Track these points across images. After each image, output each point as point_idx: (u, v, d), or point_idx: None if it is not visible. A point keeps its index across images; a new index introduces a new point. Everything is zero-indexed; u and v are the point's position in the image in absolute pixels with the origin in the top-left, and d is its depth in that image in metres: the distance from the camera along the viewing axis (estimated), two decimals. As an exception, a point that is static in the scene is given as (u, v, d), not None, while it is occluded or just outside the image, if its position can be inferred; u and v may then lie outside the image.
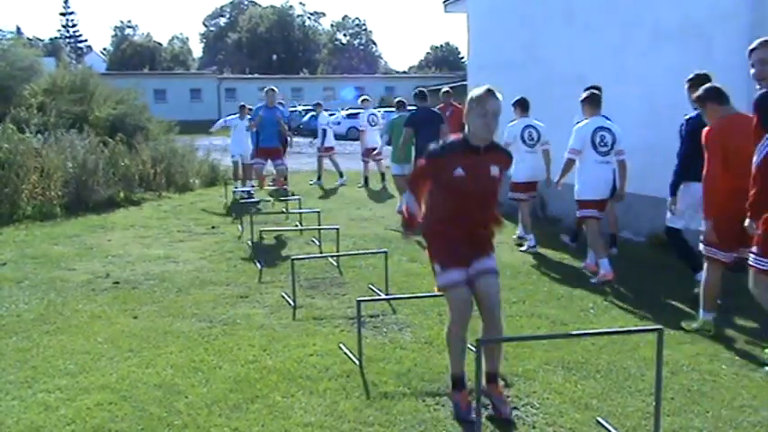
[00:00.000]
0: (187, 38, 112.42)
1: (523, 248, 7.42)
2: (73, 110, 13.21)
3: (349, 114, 31.20)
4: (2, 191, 9.42)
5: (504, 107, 3.37)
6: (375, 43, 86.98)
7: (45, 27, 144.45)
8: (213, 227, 8.97)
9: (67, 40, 73.74)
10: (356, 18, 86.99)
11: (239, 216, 9.16)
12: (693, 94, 4.97)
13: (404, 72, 75.35)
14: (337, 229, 7.24)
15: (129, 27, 79.88)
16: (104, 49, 78.45)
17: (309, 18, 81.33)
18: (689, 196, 5.14)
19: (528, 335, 4.58)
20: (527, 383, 3.83)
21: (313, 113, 32.82)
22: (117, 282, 6.14)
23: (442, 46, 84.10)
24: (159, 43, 77.41)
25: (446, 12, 13.22)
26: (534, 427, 3.33)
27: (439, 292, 3.56)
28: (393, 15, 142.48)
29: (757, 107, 3.86)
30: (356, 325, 4.26)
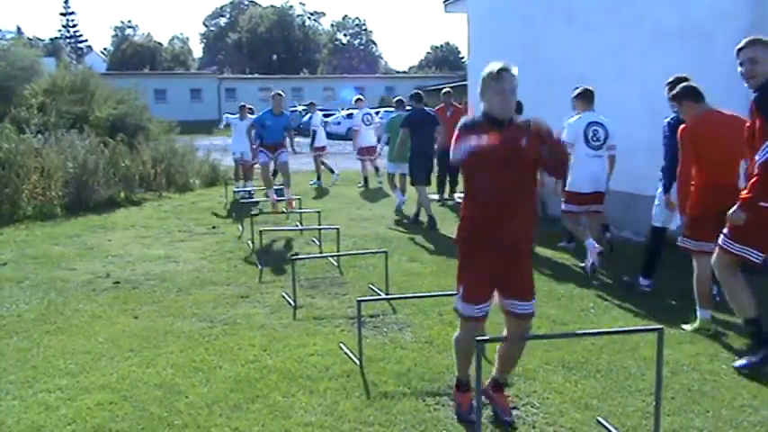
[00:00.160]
0: (187, 38, 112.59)
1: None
2: (73, 110, 13.22)
3: (349, 114, 31.20)
4: (2, 191, 9.44)
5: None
6: (375, 43, 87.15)
7: (45, 27, 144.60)
8: (213, 227, 8.97)
9: (68, 41, 73.78)
10: (356, 18, 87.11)
11: (239, 216, 9.16)
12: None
13: (404, 72, 75.39)
14: (337, 229, 7.25)
15: (130, 27, 79.96)
16: (105, 50, 78.51)
17: (309, 18, 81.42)
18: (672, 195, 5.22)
19: (528, 334, 4.57)
20: (527, 383, 3.83)
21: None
22: (117, 282, 6.15)
23: (443, 46, 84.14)
24: (159, 43, 77.44)
25: (446, 12, 13.24)
26: (534, 427, 3.34)
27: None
28: (393, 15, 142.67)
29: (760, 105, 3.88)
30: (356, 325, 4.26)
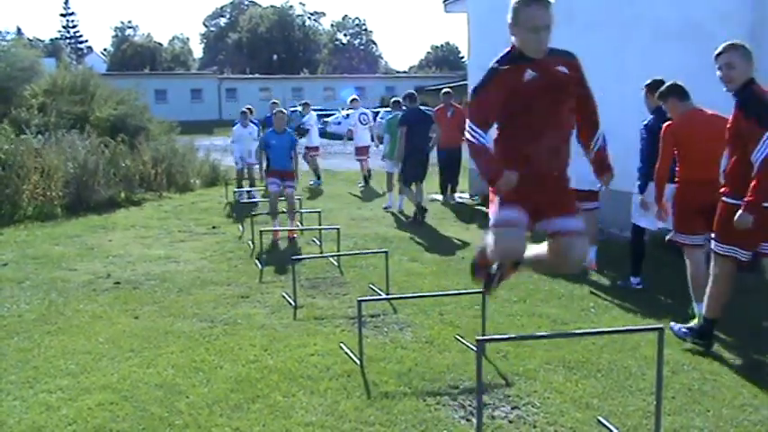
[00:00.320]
0: (188, 38, 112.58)
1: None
2: (73, 110, 13.23)
3: (349, 114, 31.16)
4: (3, 191, 9.44)
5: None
6: (375, 43, 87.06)
7: (45, 28, 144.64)
8: (214, 227, 8.97)
9: (68, 41, 73.78)
10: (356, 18, 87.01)
11: (240, 216, 9.16)
12: (651, 97, 5.42)
13: (404, 72, 75.37)
14: (338, 229, 7.24)
15: (130, 27, 79.83)
16: (105, 50, 78.46)
17: (310, 18, 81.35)
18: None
19: (529, 334, 4.58)
20: (528, 383, 3.83)
21: (316, 114, 32.94)
22: (118, 282, 6.15)
23: (443, 46, 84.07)
24: (160, 44, 77.39)
25: (446, 12, 13.22)
26: (535, 427, 3.34)
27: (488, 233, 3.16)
28: (393, 15, 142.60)
29: (748, 109, 3.95)
30: (357, 325, 4.26)
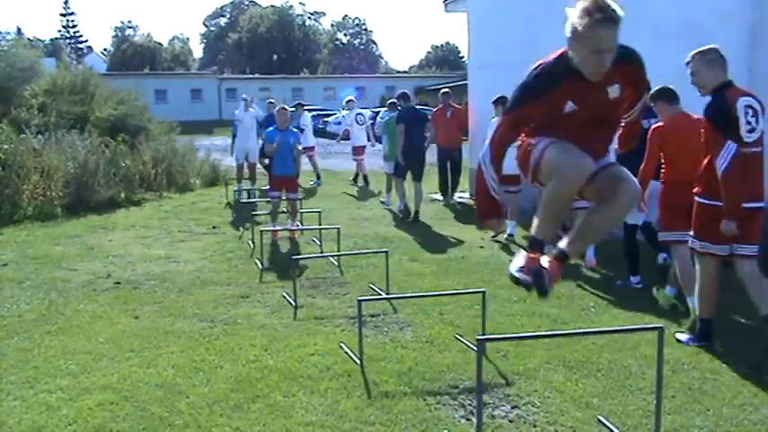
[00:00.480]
0: (187, 38, 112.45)
1: (500, 235, 7.81)
2: (74, 110, 13.21)
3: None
4: (3, 191, 9.43)
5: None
6: (375, 43, 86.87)
7: (45, 27, 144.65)
8: (214, 227, 8.97)
9: (68, 41, 73.73)
10: (356, 18, 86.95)
11: (240, 216, 9.17)
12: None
13: (404, 72, 75.36)
14: (338, 229, 7.25)
15: (130, 27, 79.80)
16: (105, 50, 78.43)
17: (310, 18, 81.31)
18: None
19: (529, 334, 4.58)
20: (528, 382, 3.83)
21: (317, 114, 32.89)
22: (118, 282, 6.15)
23: (443, 45, 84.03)
24: (160, 43, 77.35)
25: (446, 11, 13.22)
26: (535, 426, 3.34)
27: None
28: (393, 15, 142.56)
29: (710, 117, 4.12)
30: (357, 324, 4.26)
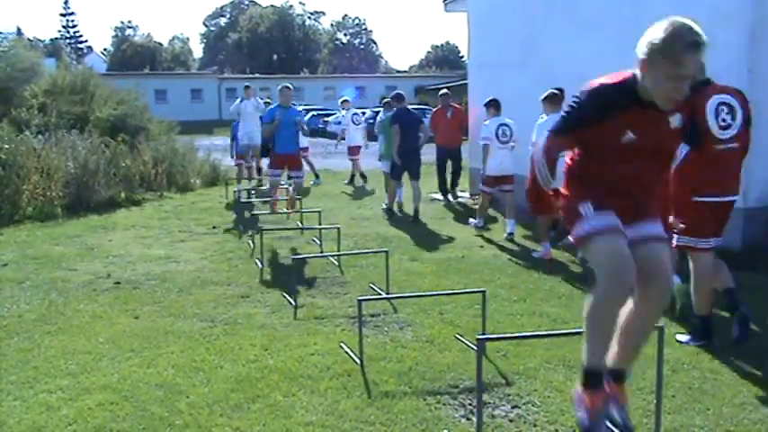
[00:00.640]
0: (188, 38, 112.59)
1: (472, 223, 8.49)
2: (74, 110, 13.21)
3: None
4: (3, 192, 9.43)
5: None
6: (375, 43, 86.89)
7: (45, 28, 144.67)
8: (214, 227, 8.97)
9: (68, 41, 73.78)
10: (356, 17, 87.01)
11: (240, 216, 9.18)
12: None
13: (404, 71, 75.38)
14: (338, 229, 7.24)
15: (130, 27, 79.91)
16: (105, 50, 78.50)
17: (309, 18, 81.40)
18: None
19: (529, 333, 4.58)
20: (528, 382, 3.83)
21: (317, 113, 32.86)
22: (118, 282, 6.15)
23: (443, 45, 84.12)
24: (160, 43, 77.44)
25: (446, 11, 13.23)
26: (536, 426, 3.34)
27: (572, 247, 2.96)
28: (393, 14, 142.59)
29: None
30: (357, 324, 4.26)
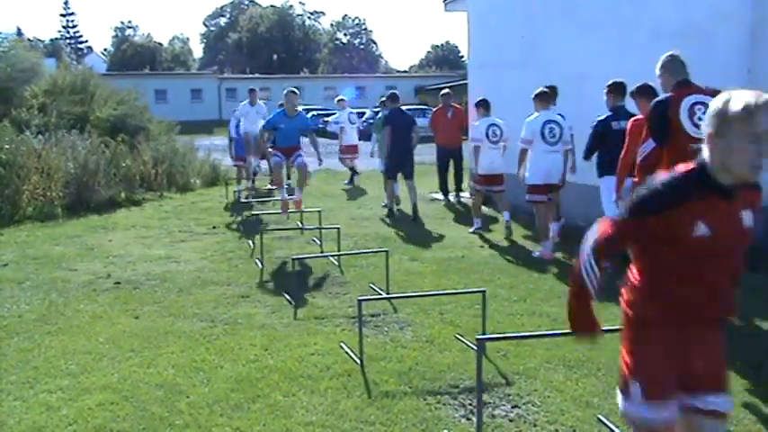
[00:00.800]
0: (187, 38, 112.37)
1: (471, 230, 8.31)
2: (74, 110, 13.22)
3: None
4: (3, 192, 9.43)
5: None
6: (375, 43, 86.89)
7: (45, 28, 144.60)
8: (214, 227, 8.97)
9: (68, 41, 73.76)
10: (356, 17, 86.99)
11: (240, 216, 9.18)
12: (612, 97, 6.11)
13: (404, 71, 75.37)
14: (338, 229, 7.24)
15: (130, 27, 79.81)
16: (105, 50, 78.44)
17: (309, 18, 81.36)
18: (611, 190, 5.70)
19: (529, 333, 4.58)
20: (528, 382, 3.83)
21: (317, 113, 32.85)
22: (118, 282, 6.15)
23: (443, 45, 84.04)
24: (160, 43, 77.35)
25: (446, 10, 13.21)
26: (536, 426, 3.34)
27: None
28: (393, 14, 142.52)
29: (648, 117, 4.46)
30: (357, 324, 4.26)
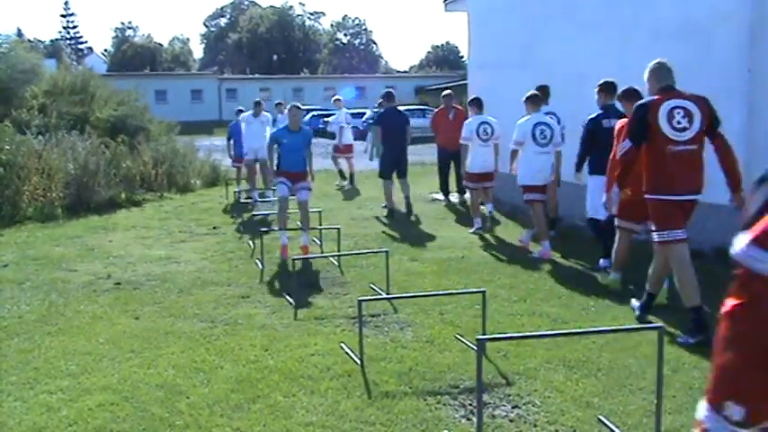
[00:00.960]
0: (188, 38, 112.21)
1: (471, 230, 8.30)
2: (74, 111, 13.23)
3: (352, 114, 30.88)
4: (3, 192, 9.44)
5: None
6: (375, 43, 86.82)
7: (46, 29, 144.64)
8: (214, 227, 8.97)
9: (68, 42, 73.79)
10: (356, 18, 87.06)
11: (240, 217, 9.18)
12: (603, 96, 6.22)
13: (404, 72, 75.37)
14: (338, 229, 7.25)
15: (130, 28, 79.86)
16: (105, 51, 78.45)
17: (309, 18, 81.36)
18: (599, 189, 5.76)
19: (529, 333, 4.57)
20: (528, 382, 3.83)
21: (317, 114, 32.79)
22: (118, 282, 6.15)
23: (443, 45, 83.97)
24: (160, 44, 77.35)
25: (446, 11, 13.22)
26: (536, 426, 3.34)
27: None
28: (393, 15, 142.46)
29: (629, 119, 4.67)
30: (357, 324, 4.26)
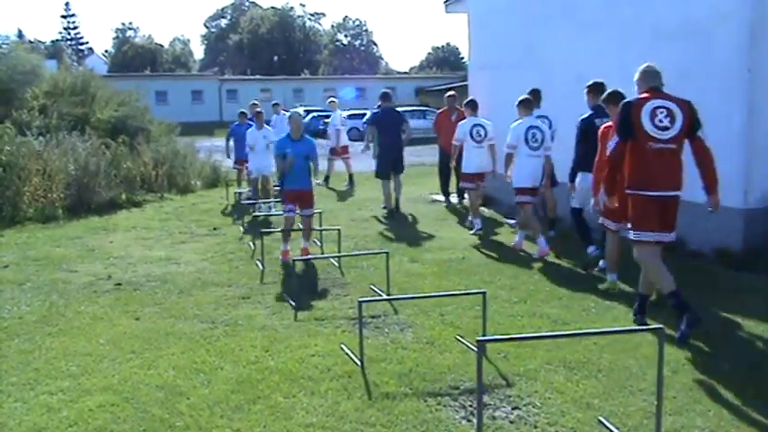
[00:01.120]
0: (188, 39, 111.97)
1: (471, 231, 8.28)
2: (74, 112, 13.25)
3: (350, 115, 30.87)
4: (4, 193, 9.45)
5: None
6: (376, 44, 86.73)
7: (46, 29, 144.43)
8: (215, 228, 8.97)
9: (69, 43, 73.82)
10: (357, 19, 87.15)
11: (241, 217, 9.18)
12: (592, 97, 6.25)
13: (405, 73, 75.36)
14: (339, 230, 7.25)
15: (131, 29, 79.84)
16: (106, 52, 78.47)
17: (310, 19, 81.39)
18: (586, 183, 6.01)
19: (530, 334, 4.57)
20: (529, 383, 3.83)
21: (317, 115, 32.78)
22: (119, 283, 6.15)
23: (443, 46, 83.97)
24: (160, 45, 77.37)
25: (447, 12, 13.23)
26: (536, 427, 3.33)
27: None
28: (393, 16, 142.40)
29: (618, 113, 4.71)
30: (358, 325, 4.26)
